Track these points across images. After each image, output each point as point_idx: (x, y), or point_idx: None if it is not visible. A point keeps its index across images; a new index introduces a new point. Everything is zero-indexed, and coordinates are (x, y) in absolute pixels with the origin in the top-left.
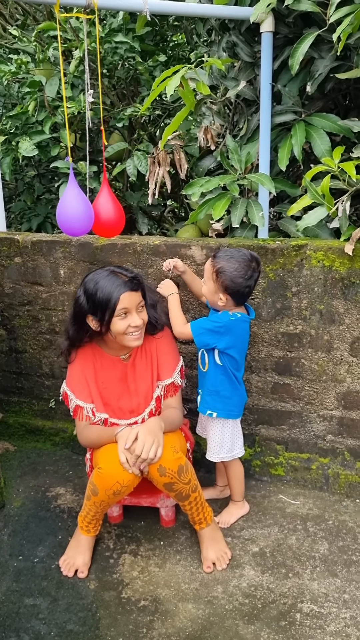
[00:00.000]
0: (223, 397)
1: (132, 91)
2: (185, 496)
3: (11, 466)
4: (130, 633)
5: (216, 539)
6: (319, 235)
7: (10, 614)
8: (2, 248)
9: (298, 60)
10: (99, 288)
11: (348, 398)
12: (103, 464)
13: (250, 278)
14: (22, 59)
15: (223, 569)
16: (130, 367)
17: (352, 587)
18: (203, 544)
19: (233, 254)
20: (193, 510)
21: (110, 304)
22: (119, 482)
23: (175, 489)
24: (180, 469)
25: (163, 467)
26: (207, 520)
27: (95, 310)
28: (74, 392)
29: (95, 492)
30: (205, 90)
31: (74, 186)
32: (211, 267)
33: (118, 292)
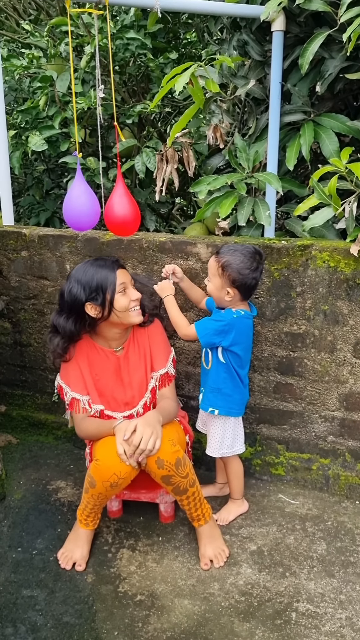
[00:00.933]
0: (225, 395)
1: (143, 88)
2: (183, 490)
3: (13, 459)
4: (126, 627)
5: (214, 536)
6: (325, 236)
7: (8, 605)
8: (9, 242)
9: (308, 59)
10: (92, 273)
11: (350, 399)
12: (100, 455)
13: (256, 270)
14: (34, 54)
15: (220, 566)
16: (123, 359)
17: (349, 588)
18: (201, 541)
19: (237, 248)
20: (191, 506)
21: (110, 282)
22: (115, 474)
23: (172, 482)
24: (178, 462)
25: (161, 459)
26: (206, 517)
27: (94, 295)
28: (69, 384)
29: (92, 484)
30: (214, 88)
31: (81, 181)
32: (216, 263)
33: (112, 270)
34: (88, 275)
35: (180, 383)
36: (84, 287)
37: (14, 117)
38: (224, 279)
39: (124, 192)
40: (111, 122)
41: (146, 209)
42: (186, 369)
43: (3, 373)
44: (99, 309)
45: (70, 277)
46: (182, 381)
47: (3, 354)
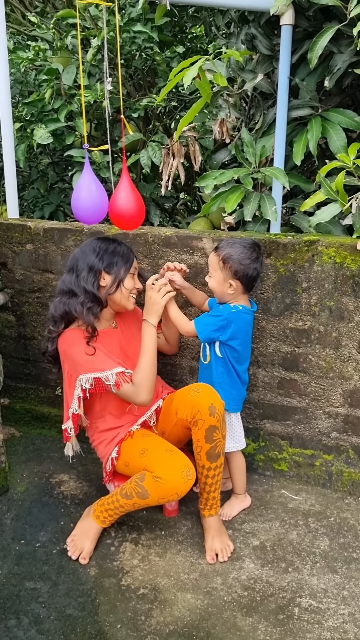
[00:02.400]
0: (223, 390)
1: (149, 82)
2: (217, 455)
3: (16, 451)
4: (129, 620)
5: (222, 530)
6: (331, 232)
7: (11, 597)
8: (14, 234)
9: (317, 54)
10: (113, 246)
11: (355, 396)
12: (163, 474)
13: (256, 260)
14: (39, 46)
15: (224, 561)
16: (121, 333)
17: (352, 584)
18: (209, 533)
19: (235, 241)
20: (214, 481)
21: (129, 260)
22: (177, 493)
23: (214, 438)
24: (223, 418)
25: (214, 406)
26: (217, 509)
27: (112, 264)
28: (103, 368)
29: (144, 497)
30: (222, 81)
31: (89, 174)
32: (216, 257)
33: (132, 253)
34: (110, 247)
35: (184, 377)
36: (104, 253)
37: (19, 110)
38: (226, 271)
39: (129, 186)
40: (116, 116)
41: (151, 203)
42: (190, 364)
43: (7, 366)
44: (111, 280)
45: (86, 245)
46: (185, 376)
47: (7, 347)
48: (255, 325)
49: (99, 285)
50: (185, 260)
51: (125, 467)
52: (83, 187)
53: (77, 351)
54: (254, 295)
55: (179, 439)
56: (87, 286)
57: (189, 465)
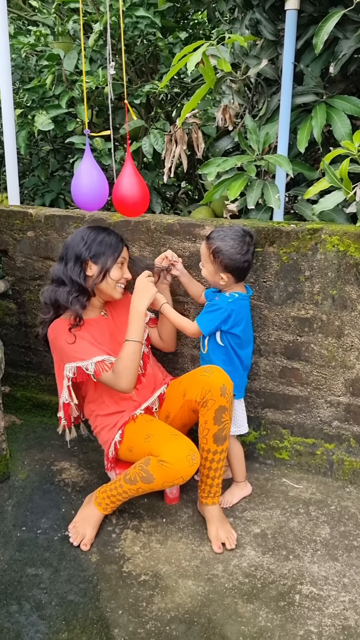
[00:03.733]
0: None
1: (151, 68)
2: (224, 437)
3: (17, 439)
4: (130, 606)
5: (224, 519)
6: (335, 220)
7: (12, 583)
8: (15, 222)
9: (322, 39)
10: (103, 235)
11: (356, 385)
12: (169, 458)
13: (247, 252)
14: (41, 31)
15: (232, 548)
16: (111, 321)
17: (352, 572)
18: (212, 523)
19: (226, 233)
20: (218, 466)
21: (116, 250)
22: (182, 477)
23: (222, 420)
24: (232, 401)
25: (225, 387)
26: (219, 498)
27: (99, 254)
28: (84, 358)
29: (148, 481)
30: (226, 67)
31: (90, 160)
32: (207, 249)
33: (121, 242)
34: (97, 236)
35: (185, 366)
36: (91, 242)
37: (20, 96)
38: (216, 265)
39: (133, 172)
40: (118, 103)
41: (152, 191)
42: (192, 352)
43: (8, 354)
44: (98, 270)
45: (77, 233)
46: (187, 364)
47: (8, 334)
48: (257, 313)
49: (85, 275)
50: (188, 248)
51: (129, 452)
52: (83, 174)
53: (62, 340)
54: (256, 283)
55: (183, 423)
56: (73, 276)
57: (194, 450)
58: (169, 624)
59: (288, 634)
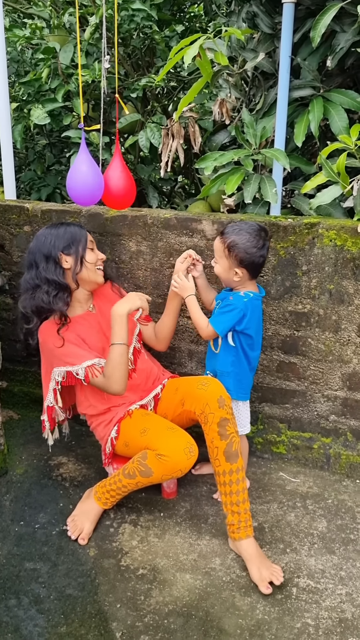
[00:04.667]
0: (234, 379)
1: (147, 61)
2: (235, 453)
3: (14, 434)
4: (128, 600)
5: (262, 554)
6: (332, 214)
7: (11, 577)
8: (11, 216)
9: (320, 32)
10: (62, 229)
11: (353, 379)
12: (167, 452)
13: (263, 247)
14: (36, 24)
15: (280, 582)
16: (100, 316)
17: (349, 565)
18: (252, 563)
19: (241, 227)
20: (239, 489)
21: (82, 236)
22: (180, 470)
23: (227, 433)
24: (233, 412)
25: (223, 398)
26: (251, 528)
27: (68, 245)
28: (74, 363)
29: (147, 475)
30: (223, 60)
31: (85, 154)
32: (222, 244)
33: (82, 228)
34: (60, 231)
35: (182, 361)
36: (57, 238)
37: (16, 90)
38: (232, 259)
39: (120, 165)
40: (114, 97)
41: (149, 186)
42: (189, 347)
43: (5, 349)
44: (73, 259)
45: (38, 235)
46: (184, 359)
47: (5, 329)
48: None
49: (62, 270)
50: (185, 243)
51: (125, 447)
52: (79, 168)
53: (51, 344)
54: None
55: (180, 425)
56: (48, 275)
57: (191, 442)
58: (167, 617)
59: (285, 626)
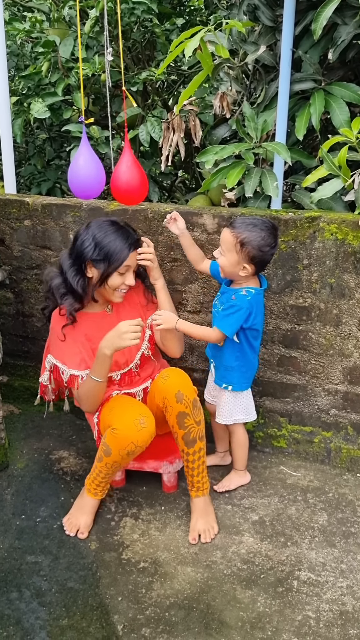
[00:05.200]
0: (239, 372)
1: (148, 55)
2: (192, 440)
3: (15, 428)
4: (130, 593)
5: (208, 512)
6: (333, 208)
7: (12, 570)
8: (12, 210)
9: (322, 24)
10: (111, 239)
11: (354, 373)
12: (118, 424)
13: (275, 246)
14: (36, 17)
15: (207, 542)
16: (115, 317)
17: (350, 558)
18: (194, 514)
19: (255, 223)
20: (195, 466)
21: (119, 258)
22: (133, 443)
23: (186, 425)
24: (195, 403)
25: (181, 392)
26: (204, 490)
27: (100, 259)
28: (65, 362)
29: (108, 453)
30: (224, 53)
31: (86, 147)
32: (234, 238)
33: (129, 249)
34: (106, 238)
35: (184, 355)
36: (96, 245)
37: (15, 84)
38: (242, 255)
39: (132, 160)
40: (114, 91)
41: (149, 180)
42: (190, 341)
43: (5, 344)
44: (98, 274)
45: (91, 227)
46: (185, 353)
47: (5, 324)
48: None
49: (83, 277)
50: None
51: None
52: (80, 162)
53: (55, 334)
54: None
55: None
56: (69, 276)
57: (144, 414)
58: (169, 610)
59: (286, 619)
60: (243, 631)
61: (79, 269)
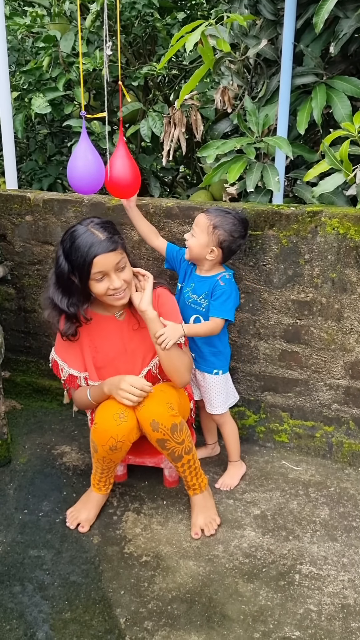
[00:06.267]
0: (223, 355)
1: (149, 50)
2: (178, 457)
3: (18, 423)
4: (132, 586)
5: (207, 506)
6: (335, 203)
7: (15, 564)
8: (13, 206)
9: (323, 18)
10: (74, 248)
11: (356, 368)
12: (98, 419)
13: (244, 237)
14: (37, 12)
15: (212, 534)
16: (125, 325)
17: (351, 552)
18: (194, 510)
19: (228, 211)
20: (187, 474)
21: (85, 267)
22: (113, 437)
23: (167, 447)
24: (174, 428)
25: (156, 422)
26: (201, 487)
27: (74, 271)
28: (65, 361)
29: (95, 449)
30: (225, 47)
31: (86, 142)
32: (207, 220)
33: (91, 254)
34: (70, 249)
35: None
36: (66, 258)
37: (16, 79)
38: (213, 237)
39: (125, 153)
40: (115, 86)
41: (150, 175)
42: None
43: (7, 339)
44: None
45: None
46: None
47: (7, 319)
48: (257, 297)
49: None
50: (187, 232)
51: None
52: (79, 156)
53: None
54: (256, 266)
55: None
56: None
57: (123, 409)
58: (171, 604)
59: (288, 612)
60: (245, 624)
61: (64, 288)
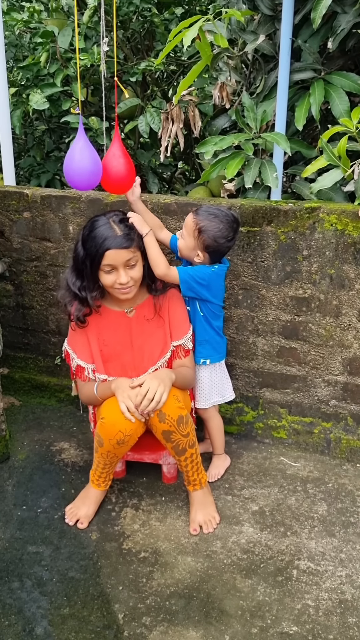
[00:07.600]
0: (213, 343)
1: (147, 45)
2: (182, 450)
3: (16, 420)
4: (130, 582)
5: (206, 503)
6: (333, 199)
7: (14, 560)
8: (10, 202)
9: (321, 13)
10: (90, 237)
11: (354, 364)
12: (105, 414)
13: (232, 239)
14: (34, 8)
15: (210, 532)
16: (135, 322)
17: (349, 547)
18: (193, 506)
19: (217, 213)
20: (189, 469)
21: (96, 257)
22: (121, 431)
23: (172, 440)
24: (180, 419)
25: (163, 413)
26: (202, 483)
27: (87, 258)
28: (75, 351)
29: (100, 443)
30: (223, 42)
31: (82, 138)
32: (193, 224)
33: (103, 247)
34: (88, 237)
35: None
36: (83, 244)
37: (14, 75)
38: (198, 242)
39: (119, 148)
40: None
41: (149, 172)
42: None
43: (5, 336)
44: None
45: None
46: None
47: (5, 316)
48: (255, 293)
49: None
50: None
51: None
52: (76, 152)
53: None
54: (254, 263)
55: None
56: (69, 282)
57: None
58: (169, 599)
59: (286, 607)
60: (243, 619)
61: (78, 272)
